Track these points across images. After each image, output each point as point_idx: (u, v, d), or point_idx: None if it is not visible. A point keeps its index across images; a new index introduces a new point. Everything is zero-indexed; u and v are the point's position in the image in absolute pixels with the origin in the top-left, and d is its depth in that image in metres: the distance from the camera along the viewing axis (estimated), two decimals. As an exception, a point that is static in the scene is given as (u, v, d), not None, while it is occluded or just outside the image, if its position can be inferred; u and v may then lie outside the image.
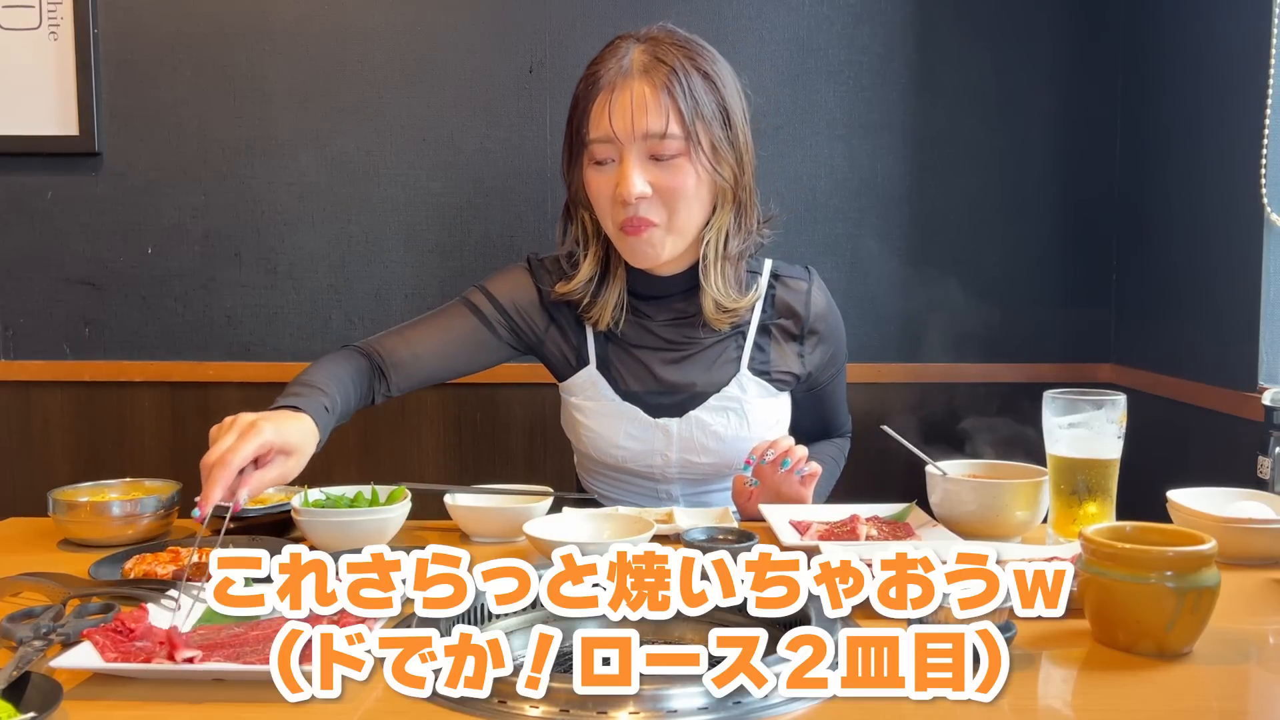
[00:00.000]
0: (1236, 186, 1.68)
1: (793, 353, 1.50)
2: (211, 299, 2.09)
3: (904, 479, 1.51)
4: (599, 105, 1.34)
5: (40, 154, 2.05)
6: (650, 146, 1.33)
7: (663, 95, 1.31)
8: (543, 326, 1.50)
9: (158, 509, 1.31)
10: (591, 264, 1.44)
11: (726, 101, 1.36)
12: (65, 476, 1.99)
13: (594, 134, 1.34)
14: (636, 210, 1.34)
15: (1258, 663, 0.93)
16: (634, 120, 1.31)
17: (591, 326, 1.48)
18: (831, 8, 2.05)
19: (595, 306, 1.45)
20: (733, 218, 1.41)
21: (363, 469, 2.08)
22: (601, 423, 1.47)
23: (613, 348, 1.48)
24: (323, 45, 2.05)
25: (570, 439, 1.56)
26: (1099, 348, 2.13)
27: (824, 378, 1.55)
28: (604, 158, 1.35)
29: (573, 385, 1.50)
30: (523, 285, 1.50)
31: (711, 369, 1.46)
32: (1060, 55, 2.08)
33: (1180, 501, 1.23)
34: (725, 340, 1.47)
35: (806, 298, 1.50)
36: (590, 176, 1.38)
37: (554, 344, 1.50)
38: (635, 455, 1.47)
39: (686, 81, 1.33)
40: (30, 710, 0.76)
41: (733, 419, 1.45)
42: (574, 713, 0.78)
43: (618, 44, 1.37)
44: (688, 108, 1.32)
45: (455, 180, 2.08)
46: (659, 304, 1.47)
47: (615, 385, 1.47)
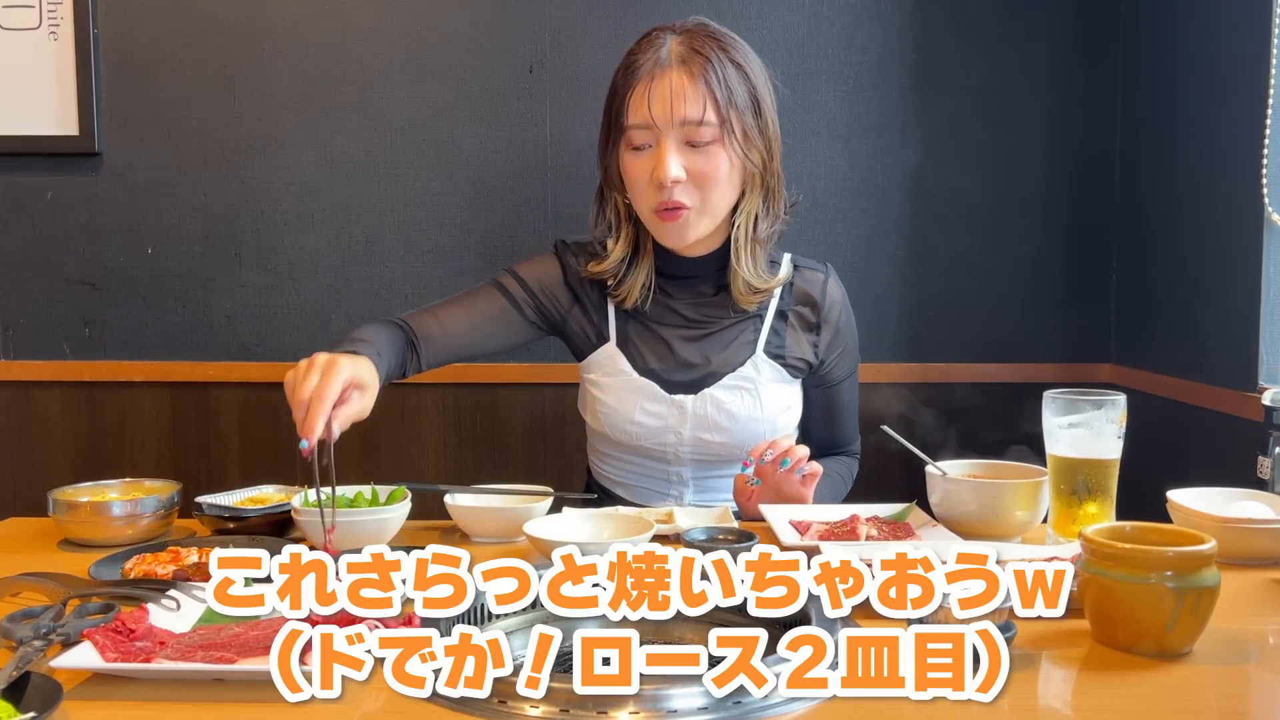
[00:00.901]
0: (1236, 186, 1.68)
1: (807, 341, 1.54)
2: (211, 299, 2.09)
3: (904, 479, 1.51)
4: (639, 93, 1.39)
5: (40, 154, 2.05)
6: (686, 133, 1.38)
7: (700, 84, 1.37)
8: (566, 305, 1.55)
9: (158, 509, 1.31)
10: (624, 245, 1.50)
11: (758, 91, 1.42)
12: (65, 476, 1.99)
13: (633, 120, 1.40)
14: (672, 193, 1.39)
15: (1258, 663, 0.93)
16: (672, 107, 1.37)
17: (617, 305, 1.52)
18: (831, 8, 2.05)
19: (624, 286, 1.50)
20: (761, 202, 1.47)
21: (363, 469, 2.07)
22: (618, 398, 1.50)
23: (634, 325, 1.52)
24: (323, 45, 2.05)
25: (586, 419, 1.59)
26: (1099, 348, 2.13)
27: (836, 373, 1.58)
28: (641, 143, 1.41)
29: (591, 362, 1.54)
30: (549, 267, 1.56)
31: (728, 349, 1.50)
32: (1060, 55, 2.08)
33: (1180, 501, 1.23)
34: (744, 322, 1.52)
35: (824, 288, 1.55)
36: (627, 161, 1.43)
37: (576, 322, 1.55)
38: (649, 432, 1.50)
39: (721, 71, 1.38)
40: (30, 710, 0.76)
41: (746, 399, 1.49)
42: (574, 713, 0.78)
43: (655, 35, 1.43)
44: (722, 96, 1.38)
45: (455, 180, 2.08)
46: (685, 284, 1.52)
47: (634, 362, 1.51)
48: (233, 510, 1.32)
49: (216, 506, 1.33)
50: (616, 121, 1.43)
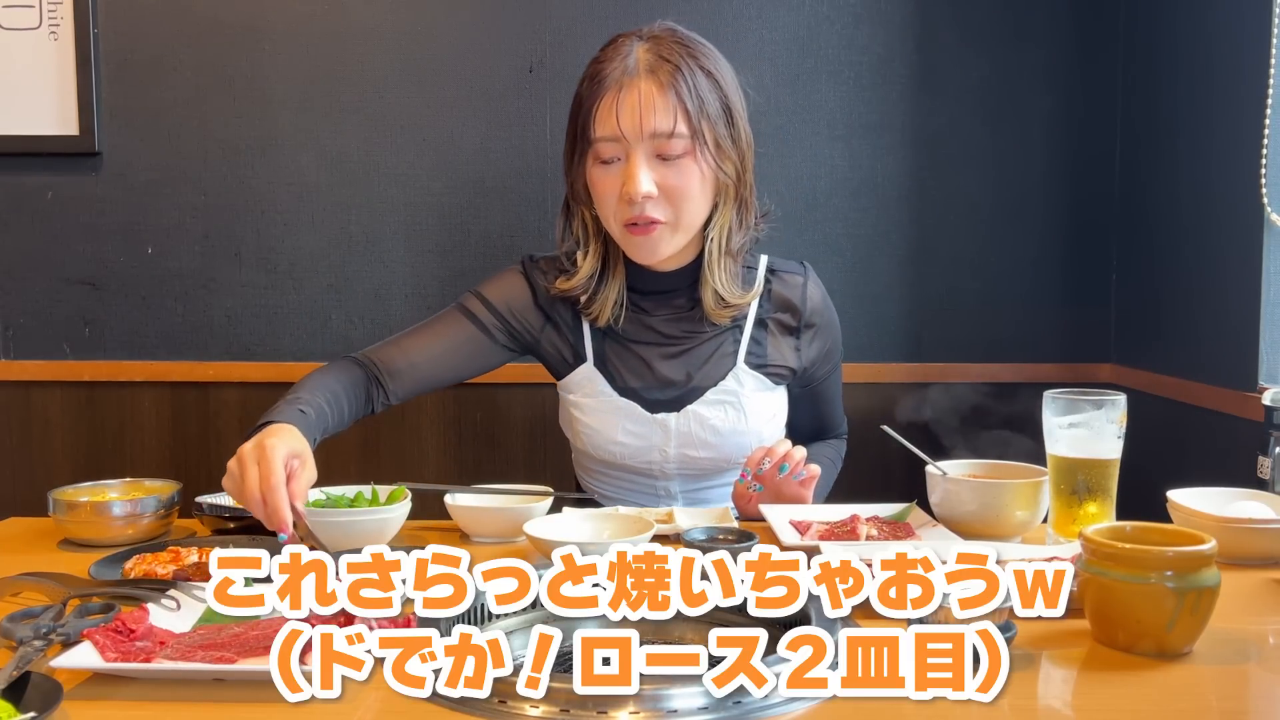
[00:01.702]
0: (1236, 186, 1.68)
1: (789, 346, 1.50)
2: (211, 299, 2.09)
3: (904, 479, 1.51)
4: (606, 104, 1.33)
5: (40, 154, 2.05)
6: (657, 145, 1.33)
7: (670, 94, 1.32)
8: (538, 326, 1.51)
9: (158, 509, 1.31)
10: (593, 261, 1.45)
11: (729, 99, 1.37)
12: (65, 476, 1.99)
13: (600, 132, 1.34)
14: (643, 209, 1.35)
15: (1258, 663, 0.93)
16: (642, 119, 1.32)
17: (590, 323, 1.48)
18: (831, 8, 2.05)
19: (595, 303, 1.46)
20: (735, 214, 1.43)
21: (363, 469, 2.08)
22: (599, 419, 1.47)
23: (610, 344, 1.48)
24: (323, 45, 2.05)
25: (569, 436, 1.56)
26: (1099, 348, 2.13)
27: (820, 373, 1.56)
28: (609, 156, 1.36)
29: (570, 383, 1.51)
30: (517, 287, 1.51)
31: (708, 363, 1.47)
32: (1060, 55, 2.08)
33: (1180, 501, 1.23)
34: (722, 335, 1.48)
35: (803, 292, 1.51)
36: (595, 175, 1.38)
37: (550, 343, 1.51)
38: (633, 451, 1.47)
39: (691, 80, 1.33)
40: (30, 710, 0.76)
41: (730, 413, 1.46)
42: (574, 713, 0.78)
43: (620, 43, 1.37)
44: (694, 106, 1.33)
45: (455, 180, 2.08)
46: (658, 299, 1.48)
47: (613, 381, 1.47)
48: (233, 510, 1.32)
49: (216, 506, 1.33)
50: (583, 134, 1.36)
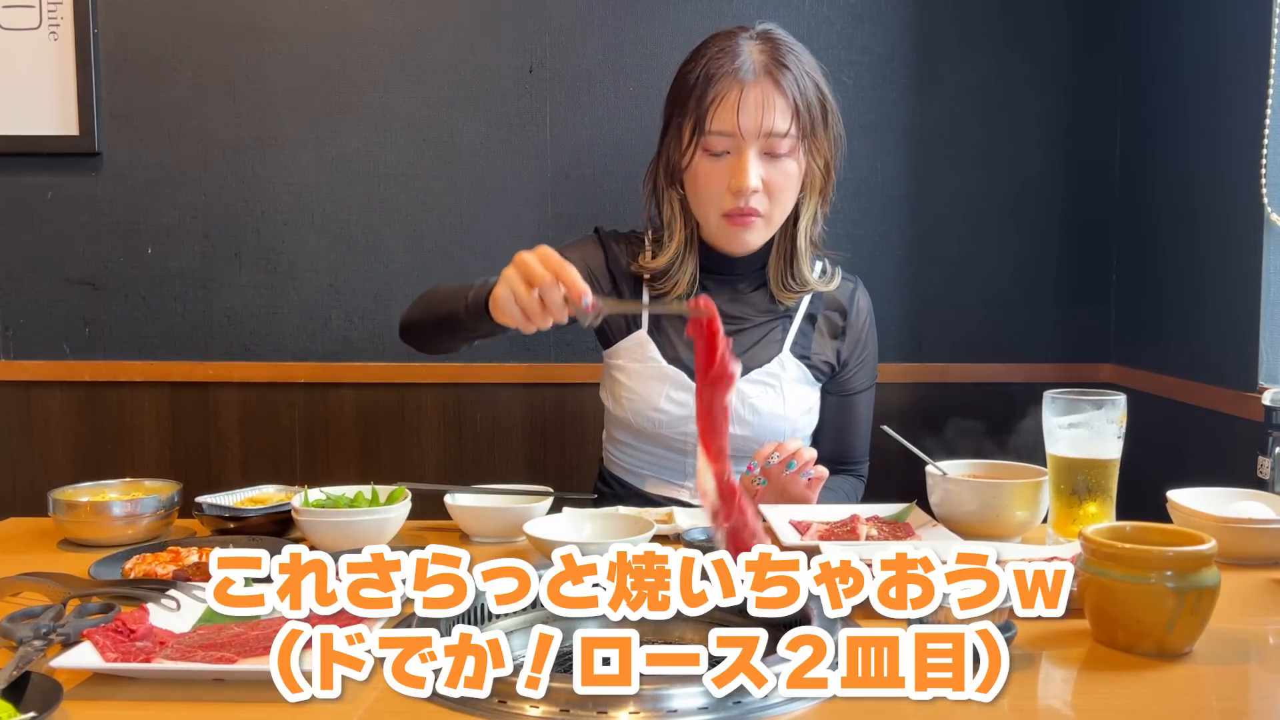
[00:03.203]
0: (1236, 186, 1.68)
1: (831, 347, 1.58)
2: (211, 299, 2.09)
3: (904, 479, 1.51)
4: (728, 101, 1.40)
5: (40, 154, 2.05)
6: (768, 144, 1.41)
7: (788, 97, 1.41)
8: (607, 291, 1.57)
9: (158, 509, 1.31)
10: (679, 242, 1.52)
11: (827, 100, 1.47)
12: (65, 476, 1.99)
13: (717, 127, 1.41)
14: (747, 201, 1.42)
15: (1258, 663, 0.93)
16: (761, 120, 1.40)
17: (653, 296, 1.55)
18: (831, 8, 2.05)
19: (669, 280, 1.52)
20: (820, 204, 1.52)
21: (363, 469, 2.07)
22: (644, 384, 1.52)
23: (666, 315, 1.55)
24: (323, 45, 2.05)
25: (607, 405, 1.59)
26: (1099, 348, 2.13)
27: (854, 383, 1.61)
28: (720, 149, 1.43)
29: (619, 349, 1.56)
30: (594, 252, 1.59)
31: (756, 345, 1.53)
32: (1060, 55, 2.08)
33: (1180, 501, 1.23)
34: (773, 321, 1.55)
35: (852, 297, 1.61)
36: (703, 165, 1.44)
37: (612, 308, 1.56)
38: (672, 420, 1.51)
39: (801, 84, 1.43)
40: (30, 710, 0.76)
41: (771, 395, 1.51)
42: (574, 713, 0.78)
43: (729, 40, 1.43)
44: (804, 108, 1.43)
45: (455, 180, 2.08)
46: (723, 280, 1.54)
47: (663, 350, 1.53)
48: (233, 510, 1.32)
49: (216, 506, 1.33)
50: (699, 125, 1.43)
